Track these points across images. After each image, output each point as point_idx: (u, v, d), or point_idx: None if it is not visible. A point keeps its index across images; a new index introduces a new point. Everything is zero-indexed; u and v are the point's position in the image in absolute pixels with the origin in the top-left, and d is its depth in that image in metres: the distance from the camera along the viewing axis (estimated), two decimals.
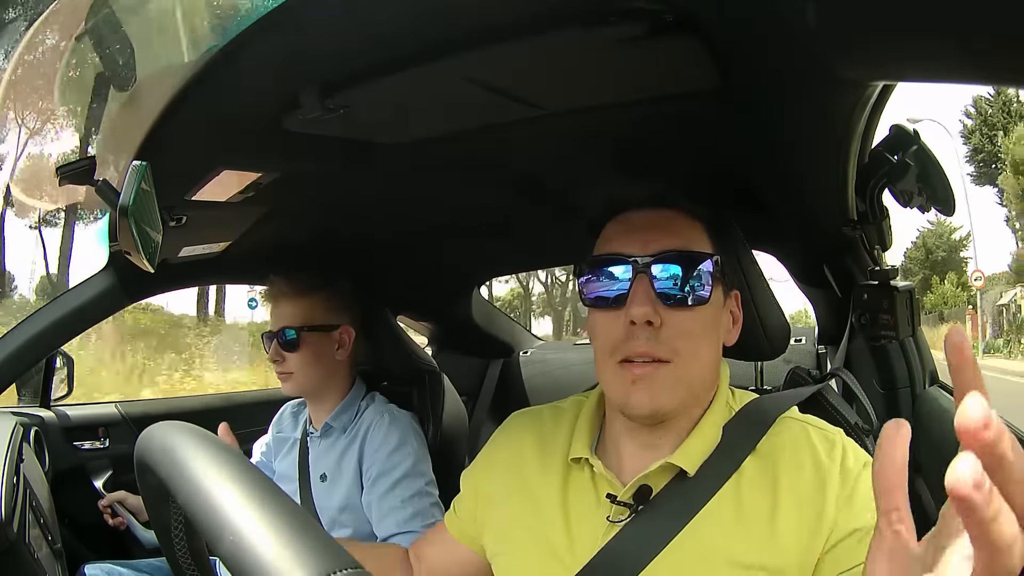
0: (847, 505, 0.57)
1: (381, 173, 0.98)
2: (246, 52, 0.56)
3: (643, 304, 0.60)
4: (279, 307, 1.20)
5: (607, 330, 0.63)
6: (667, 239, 0.63)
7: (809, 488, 0.58)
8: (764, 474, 0.60)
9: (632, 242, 0.63)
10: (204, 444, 0.41)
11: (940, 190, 0.75)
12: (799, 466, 0.60)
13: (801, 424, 0.64)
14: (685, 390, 0.62)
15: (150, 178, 0.64)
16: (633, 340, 0.60)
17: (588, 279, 0.65)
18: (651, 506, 0.61)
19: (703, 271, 0.62)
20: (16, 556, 0.92)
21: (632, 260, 0.62)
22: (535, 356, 2.23)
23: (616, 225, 0.67)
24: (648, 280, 0.61)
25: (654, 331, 0.60)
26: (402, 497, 1.12)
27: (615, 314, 0.62)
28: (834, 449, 0.60)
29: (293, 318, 1.18)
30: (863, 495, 0.57)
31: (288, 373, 1.18)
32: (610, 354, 0.62)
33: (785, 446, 0.62)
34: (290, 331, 1.17)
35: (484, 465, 0.76)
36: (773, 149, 0.81)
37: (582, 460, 0.66)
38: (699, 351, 0.62)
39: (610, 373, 0.62)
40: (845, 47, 0.51)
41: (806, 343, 1.86)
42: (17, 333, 1.09)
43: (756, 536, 0.58)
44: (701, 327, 0.62)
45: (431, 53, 0.60)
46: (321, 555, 0.32)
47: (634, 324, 0.60)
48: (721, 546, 0.58)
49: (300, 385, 1.20)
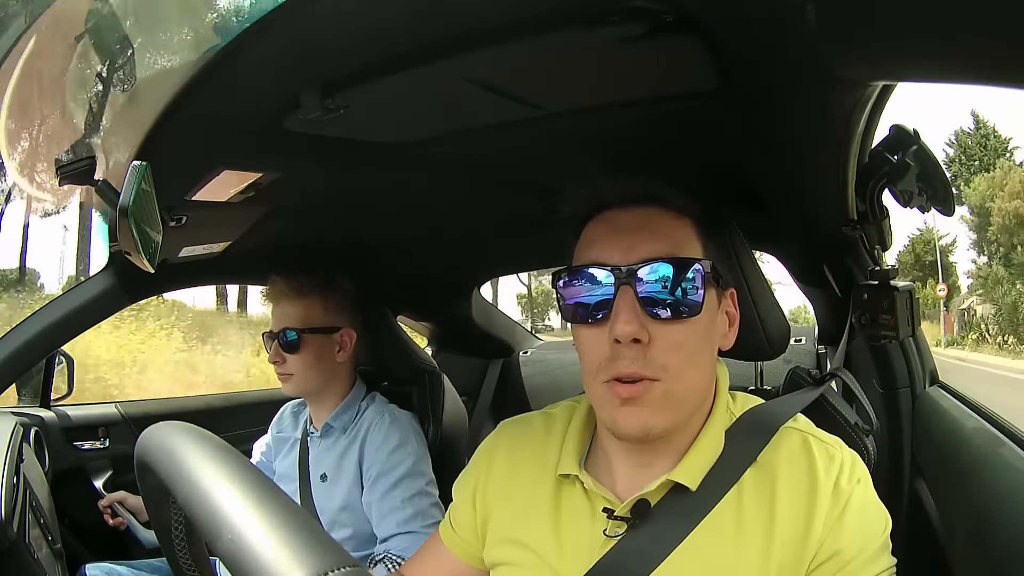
0: (835, 526, 0.55)
1: (381, 173, 0.98)
2: (246, 52, 0.56)
3: (629, 321, 0.55)
4: (280, 307, 1.19)
5: (591, 347, 0.58)
6: (652, 243, 0.58)
7: (804, 504, 0.56)
8: (764, 486, 0.58)
9: (614, 247, 0.58)
10: (204, 444, 0.41)
11: (940, 190, 0.75)
12: (797, 480, 0.57)
13: (803, 436, 0.61)
14: (676, 408, 0.58)
15: (150, 178, 0.65)
16: (620, 359, 0.56)
17: (567, 290, 0.60)
18: (649, 519, 0.58)
19: (694, 277, 0.57)
20: (16, 556, 0.92)
21: (615, 269, 0.57)
22: (535, 356, 2.23)
23: (597, 225, 0.62)
24: (632, 292, 0.56)
25: (642, 348, 0.55)
26: (402, 497, 1.12)
27: (599, 330, 0.57)
28: (832, 464, 0.58)
29: (294, 319, 1.18)
30: (852, 516, 0.55)
31: (288, 374, 1.18)
32: (596, 373, 0.58)
33: (785, 458, 0.59)
34: (291, 332, 1.17)
35: (477, 473, 0.72)
36: (773, 149, 0.81)
37: (571, 476, 0.63)
38: (691, 365, 0.58)
39: (597, 393, 0.59)
40: (845, 47, 0.51)
41: (806, 343, 1.86)
42: (17, 333, 1.09)
43: (755, 548, 0.56)
44: (693, 339, 0.57)
45: (431, 53, 0.60)
46: (319, 553, 0.32)
47: (619, 342, 0.55)
48: (721, 558, 0.56)
49: (300, 386, 1.20)
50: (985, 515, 0.75)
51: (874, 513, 0.57)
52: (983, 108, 23.47)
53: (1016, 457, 0.79)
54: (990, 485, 0.78)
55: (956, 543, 0.86)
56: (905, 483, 1.10)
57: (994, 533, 0.72)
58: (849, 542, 0.54)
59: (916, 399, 1.14)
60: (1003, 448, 0.82)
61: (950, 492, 0.91)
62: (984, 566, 0.73)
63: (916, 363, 1.16)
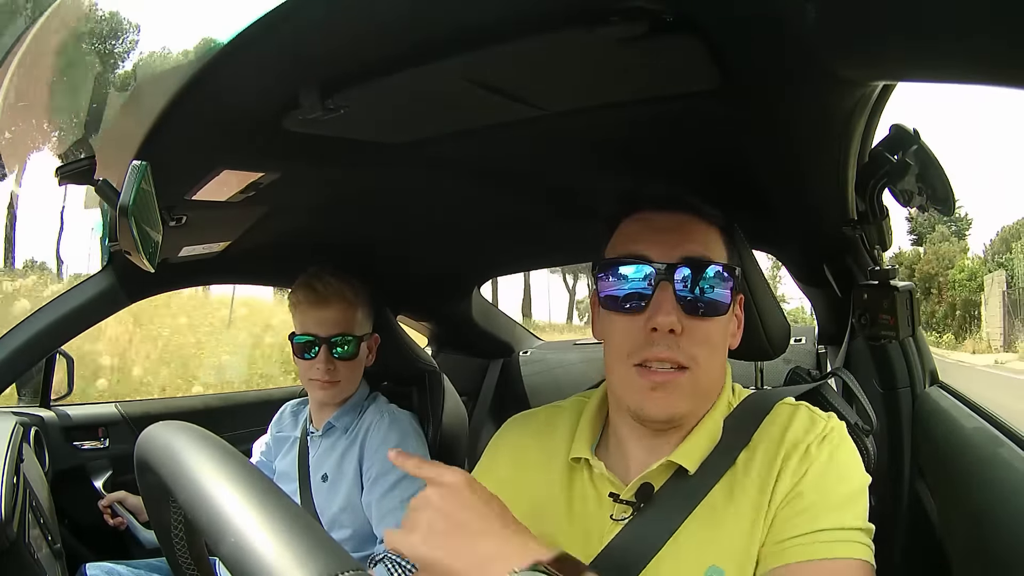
0: (801, 475, 0.58)
1: (381, 173, 0.98)
2: (246, 52, 0.56)
3: (668, 313, 0.60)
4: (328, 311, 1.15)
5: (625, 333, 0.62)
6: (689, 244, 0.63)
7: (778, 459, 0.59)
8: (754, 462, 0.61)
9: (653, 244, 0.63)
10: (205, 445, 0.41)
11: (940, 190, 0.75)
12: (775, 440, 0.61)
13: (792, 407, 0.65)
14: (700, 397, 0.63)
15: (150, 178, 0.65)
16: (655, 346, 0.60)
17: (607, 279, 0.64)
18: (653, 503, 0.61)
19: (725, 279, 0.62)
20: (16, 556, 0.92)
21: (655, 265, 0.61)
22: (535, 356, 2.23)
23: (633, 224, 0.66)
24: (671, 287, 0.61)
25: (675, 338, 0.60)
26: (401, 498, 1.12)
27: (635, 319, 0.62)
28: (812, 428, 0.61)
29: (348, 325, 1.15)
30: (818, 466, 0.58)
31: (335, 381, 1.16)
32: (627, 356, 0.62)
33: (774, 433, 0.62)
34: (349, 338, 1.14)
35: (487, 469, 0.74)
36: (773, 149, 0.81)
37: (582, 460, 0.66)
38: (714, 358, 0.63)
39: (625, 377, 0.62)
40: (845, 47, 0.51)
41: (806, 343, 1.86)
42: (17, 333, 1.09)
43: (748, 524, 0.58)
44: (718, 335, 0.63)
45: (431, 53, 0.60)
46: (322, 557, 0.32)
47: (655, 331, 0.60)
48: (718, 538, 0.59)
49: (343, 392, 1.19)
50: (985, 515, 0.75)
51: (845, 470, 0.60)
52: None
53: (1016, 457, 0.79)
54: (990, 485, 0.78)
55: (956, 543, 0.86)
56: (905, 483, 1.10)
57: (994, 533, 0.72)
58: (810, 487, 0.57)
59: (916, 399, 1.14)
60: (1003, 448, 0.82)
61: (950, 492, 0.91)
62: (984, 566, 0.73)
63: (916, 363, 1.16)
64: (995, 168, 35.24)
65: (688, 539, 0.60)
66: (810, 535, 0.55)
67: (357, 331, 1.18)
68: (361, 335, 1.19)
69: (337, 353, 1.15)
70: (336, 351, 1.15)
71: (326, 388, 1.16)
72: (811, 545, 0.55)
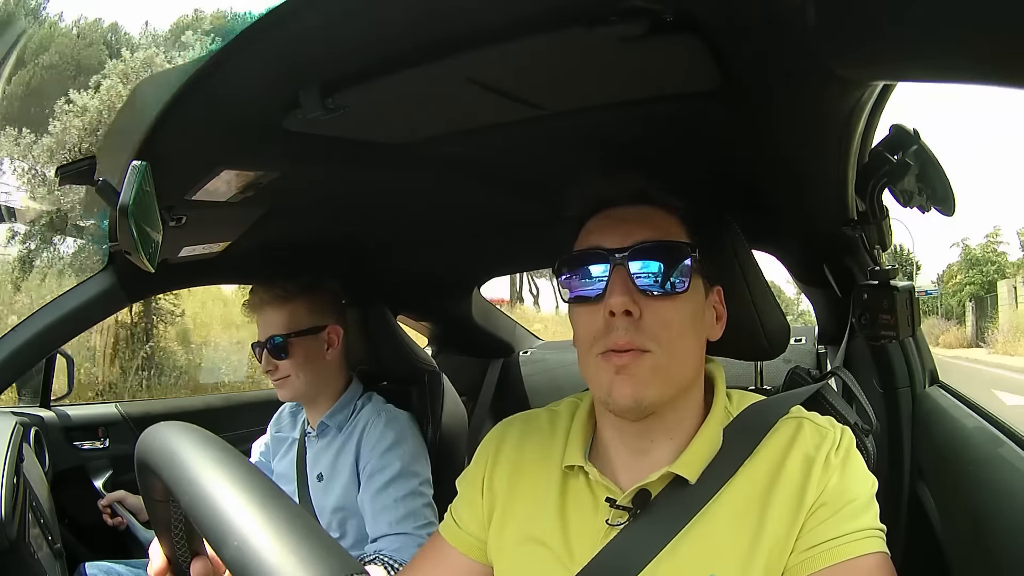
0: (824, 488, 0.58)
1: (381, 173, 0.98)
2: (246, 52, 0.56)
3: (621, 294, 0.60)
4: (264, 316, 1.20)
5: (587, 323, 0.63)
6: (645, 231, 0.63)
7: (798, 480, 0.59)
8: (759, 474, 0.61)
9: (610, 235, 0.64)
10: (206, 446, 0.41)
11: (940, 190, 0.75)
12: (791, 461, 0.61)
13: (798, 421, 0.64)
14: (666, 381, 0.62)
15: (150, 178, 0.64)
16: (613, 332, 0.60)
17: (568, 276, 0.65)
18: (650, 510, 0.61)
19: (680, 261, 0.63)
20: (16, 556, 0.92)
21: (610, 252, 0.62)
22: (535, 356, 2.23)
23: (597, 220, 0.67)
24: (626, 271, 0.62)
25: (633, 321, 0.60)
26: (395, 497, 1.12)
27: (595, 307, 0.63)
28: (823, 442, 0.61)
29: (279, 325, 1.18)
30: (838, 477, 0.58)
31: (283, 378, 1.19)
32: (591, 346, 0.62)
33: (780, 446, 0.62)
34: (278, 338, 1.18)
35: (483, 464, 0.74)
36: (773, 149, 0.81)
37: (576, 467, 0.66)
38: (679, 341, 0.62)
39: (592, 366, 0.63)
40: (845, 47, 0.51)
41: (806, 343, 1.86)
42: (17, 333, 1.09)
43: (748, 533, 0.58)
44: (680, 317, 0.62)
45: (431, 53, 0.60)
46: (326, 560, 0.32)
47: (613, 315, 0.60)
48: (716, 549, 0.59)
49: (296, 389, 1.20)
50: (985, 515, 0.75)
51: (861, 474, 0.61)
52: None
53: (1016, 457, 0.79)
54: (990, 485, 0.78)
55: (956, 543, 0.86)
56: (905, 483, 1.10)
57: (994, 533, 0.72)
58: (833, 496, 0.58)
59: (916, 399, 1.14)
60: (1003, 448, 0.82)
61: (950, 492, 0.91)
62: (984, 566, 0.73)
63: (916, 363, 1.16)
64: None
65: (687, 547, 0.59)
66: (835, 540, 0.56)
67: (294, 327, 1.18)
68: (299, 330, 1.19)
69: (273, 353, 1.18)
70: (274, 353, 1.18)
71: (282, 387, 1.20)
72: (837, 548, 0.56)
